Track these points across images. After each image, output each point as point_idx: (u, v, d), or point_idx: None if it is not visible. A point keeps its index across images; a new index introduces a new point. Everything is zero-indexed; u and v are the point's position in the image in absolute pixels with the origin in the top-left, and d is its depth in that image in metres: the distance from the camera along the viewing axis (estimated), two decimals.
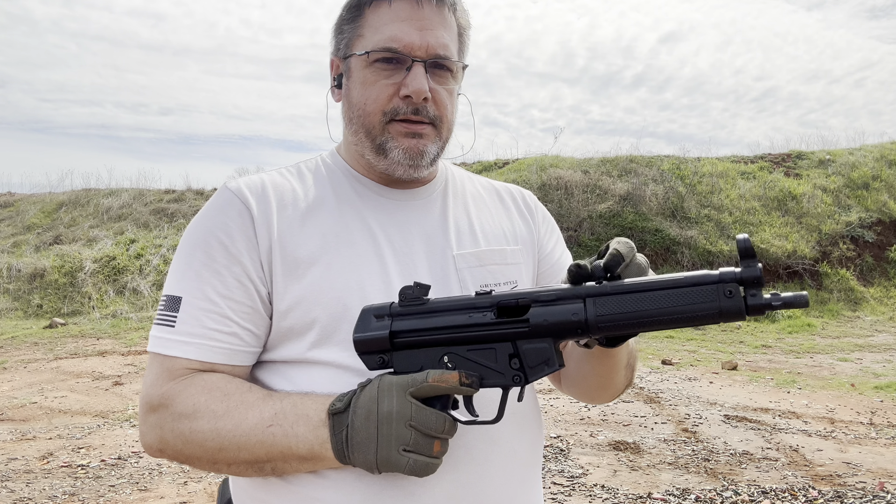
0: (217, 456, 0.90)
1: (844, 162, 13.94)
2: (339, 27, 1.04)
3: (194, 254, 0.95)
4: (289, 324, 0.95)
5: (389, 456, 0.82)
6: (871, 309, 10.88)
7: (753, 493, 3.72)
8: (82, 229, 13.53)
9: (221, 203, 0.98)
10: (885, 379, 6.57)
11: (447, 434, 0.84)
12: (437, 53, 0.98)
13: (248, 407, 0.90)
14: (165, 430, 0.91)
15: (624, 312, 0.79)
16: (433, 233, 1.04)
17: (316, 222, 0.99)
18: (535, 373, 0.83)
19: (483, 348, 0.85)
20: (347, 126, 1.04)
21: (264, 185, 1.00)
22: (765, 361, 7.65)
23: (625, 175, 13.47)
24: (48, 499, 3.72)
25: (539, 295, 0.84)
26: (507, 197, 1.17)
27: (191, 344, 0.93)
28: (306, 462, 0.88)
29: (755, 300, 0.75)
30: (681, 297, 0.78)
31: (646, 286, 0.79)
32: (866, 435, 4.78)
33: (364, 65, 0.99)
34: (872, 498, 3.63)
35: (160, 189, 15.31)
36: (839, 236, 12.21)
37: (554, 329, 0.82)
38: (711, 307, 0.76)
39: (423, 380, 0.83)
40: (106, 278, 11.78)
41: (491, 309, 0.85)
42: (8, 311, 11.03)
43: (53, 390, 6.22)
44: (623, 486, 3.85)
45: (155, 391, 0.92)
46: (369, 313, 0.90)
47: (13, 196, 15.98)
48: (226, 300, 0.94)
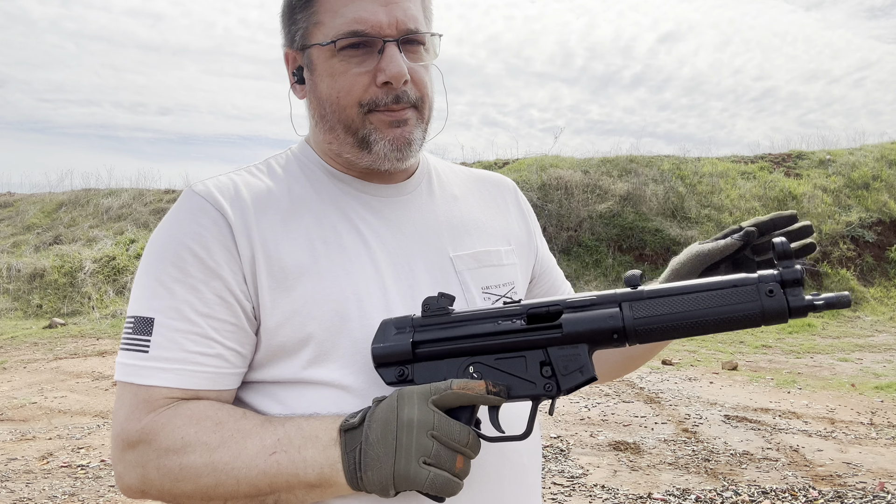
0: (213, 492, 0.80)
1: (845, 162, 13.94)
2: (290, 15, 0.93)
3: (164, 269, 0.84)
4: (280, 341, 0.85)
5: (409, 468, 0.74)
6: (872, 309, 10.88)
7: (754, 494, 3.72)
8: (82, 229, 13.52)
9: (191, 209, 0.86)
10: (885, 379, 6.56)
11: (471, 448, 0.77)
12: (409, 27, 0.88)
13: (245, 435, 0.81)
14: (149, 469, 0.81)
15: (663, 315, 0.76)
16: (426, 232, 0.96)
17: (300, 225, 0.89)
18: (568, 381, 0.78)
19: (512, 357, 0.80)
20: (319, 124, 0.93)
21: (237, 187, 0.89)
22: (765, 361, 7.65)
23: (625, 175, 13.46)
24: (48, 499, 3.72)
25: (571, 301, 0.80)
26: (493, 190, 1.09)
27: (170, 370, 0.82)
28: (314, 490, 0.80)
29: (797, 300, 0.73)
30: (722, 298, 0.75)
31: (684, 289, 0.77)
32: (866, 435, 4.78)
33: (329, 55, 0.88)
34: (872, 498, 3.63)
35: (160, 189, 15.31)
36: (839, 236, 12.20)
37: (589, 335, 0.78)
38: (754, 307, 0.74)
39: (447, 387, 0.77)
40: (106, 278, 11.78)
41: (521, 316, 0.81)
42: (8, 311, 11.02)
43: (53, 390, 6.21)
44: (623, 486, 3.85)
45: (132, 426, 0.81)
46: (389, 325, 0.84)
47: (13, 196, 15.98)
48: (206, 319, 0.83)
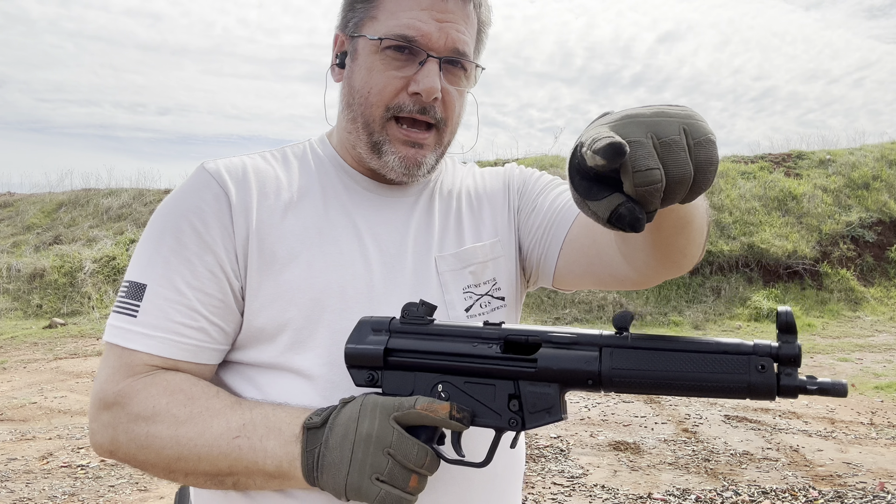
0: (174, 465, 0.82)
1: (845, 162, 13.94)
2: (351, 2, 0.95)
3: (163, 238, 0.87)
4: (260, 323, 0.87)
5: (361, 483, 0.75)
6: (872, 309, 10.87)
7: (754, 494, 3.72)
8: (82, 229, 13.52)
9: (197, 184, 0.89)
10: (885, 379, 6.56)
11: (426, 470, 0.76)
12: (456, 49, 0.90)
13: (213, 414, 0.82)
14: (119, 431, 0.84)
15: (642, 370, 0.71)
16: (419, 233, 0.97)
17: (298, 215, 0.91)
18: (533, 420, 0.76)
19: (482, 383, 0.78)
20: (345, 110, 0.95)
21: (245, 170, 0.92)
22: None
23: None
24: (48, 499, 3.72)
25: (552, 335, 0.76)
26: (490, 182, 1.07)
27: (153, 338, 0.84)
28: (272, 480, 0.81)
29: (789, 380, 0.68)
30: (707, 364, 0.70)
31: (671, 346, 0.72)
32: (866, 435, 4.78)
33: (373, 50, 0.90)
34: (872, 498, 3.63)
35: (160, 189, 15.30)
36: (839, 236, 12.20)
37: (562, 375, 0.74)
38: (740, 380, 0.68)
39: (411, 406, 0.76)
40: (106, 278, 11.77)
41: (498, 342, 0.78)
42: (8, 311, 11.02)
43: (53, 390, 6.21)
44: (623, 486, 3.85)
45: (110, 387, 0.84)
46: (367, 325, 0.83)
47: (13, 196, 15.98)
48: (195, 291, 0.85)
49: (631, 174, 0.58)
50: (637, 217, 0.59)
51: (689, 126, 0.61)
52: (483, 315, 0.96)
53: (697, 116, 0.63)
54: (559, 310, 10.36)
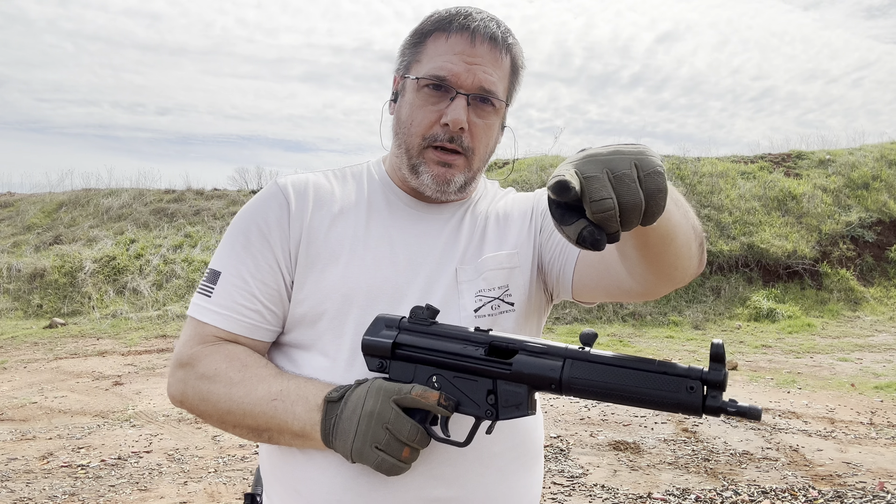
0: (225, 417, 1.01)
1: (844, 162, 13.94)
2: (403, 49, 1.12)
3: (237, 236, 1.07)
4: (302, 311, 1.05)
5: (363, 450, 0.91)
6: (871, 309, 10.88)
7: (753, 493, 3.72)
8: (82, 229, 13.53)
9: (267, 195, 1.09)
10: (885, 379, 6.57)
11: (417, 444, 0.92)
12: (482, 87, 1.04)
13: (259, 380, 1.00)
14: (188, 386, 1.03)
15: (594, 380, 0.85)
16: (447, 245, 1.11)
17: (344, 224, 1.08)
18: (505, 412, 0.91)
19: (467, 378, 0.93)
20: (394, 139, 1.13)
21: (307, 185, 1.11)
22: (765, 361, 7.65)
23: None
24: (48, 499, 3.72)
25: (528, 344, 0.91)
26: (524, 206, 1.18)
27: (221, 315, 1.04)
28: (297, 438, 0.98)
29: (713, 402, 0.80)
30: (647, 381, 0.83)
31: (622, 363, 0.85)
32: (866, 435, 4.78)
33: (415, 88, 1.07)
34: (872, 498, 3.63)
35: (160, 189, 15.30)
36: (839, 236, 12.20)
37: (530, 379, 0.89)
38: (671, 397, 0.81)
39: (408, 391, 0.92)
40: (106, 278, 11.78)
41: (484, 346, 0.92)
42: (8, 311, 11.03)
43: (53, 390, 6.22)
44: (623, 486, 3.85)
45: (186, 350, 1.04)
46: (382, 321, 0.99)
47: (13, 196, 15.98)
48: (256, 281, 1.04)
49: (588, 203, 0.71)
50: (597, 238, 0.72)
51: (639, 160, 0.74)
52: (492, 316, 1.09)
53: (648, 152, 0.75)
54: (559, 310, 10.36)
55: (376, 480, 0.99)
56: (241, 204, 14.27)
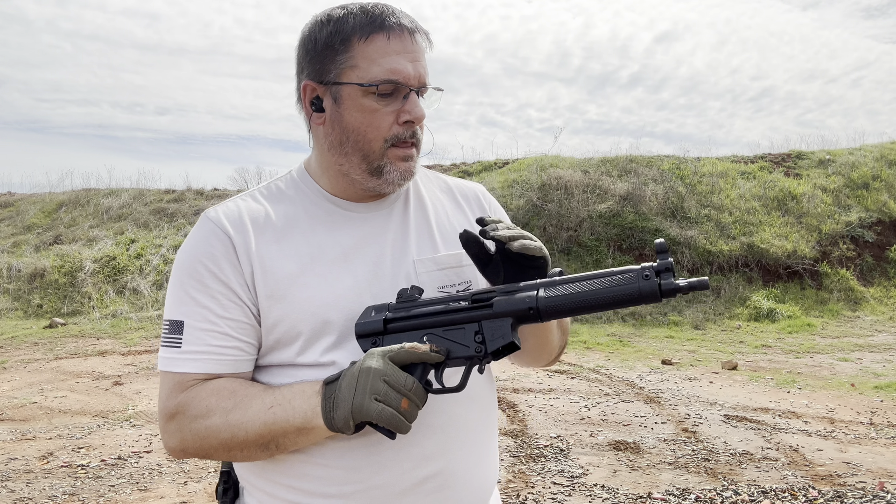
0: (231, 444, 1.02)
1: (844, 162, 13.94)
2: (322, 54, 1.08)
3: (187, 281, 1.06)
4: (276, 337, 1.07)
5: (363, 402, 0.94)
6: (871, 309, 10.88)
7: (753, 493, 3.72)
8: (82, 229, 13.53)
9: (205, 233, 1.08)
10: (885, 379, 6.57)
11: (415, 394, 0.95)
12: (425, 82, 1.10)
13: (251, 398, 1.02)
14: (185, 433, 1.03)
15: (565, 296, 0.96)
16: (397, 240, 1.14)
17: (291, 244, 1.09)
18: (493, 344, 0.99)
19: (455, 329, 1.01)
20: (335, 149, 1.10)
21: (240, 213, 1.10)
22: (765, 361, 7.65)
23: (625, 175, 13.46)
24: (48, 499, 3.72)
25: (504, 288, 1.01)
26: (460, 197, 1.26)
27: (198, 360, 1.04)
28: (302, 434, 1.00)
29: (667, 284, 0.93)
30: (610, 283, 0.95)
31: (585, 277, 0.97)
32: (866, 435, 4.78)
33: (362, 94, 1.06)
34: (872, 498, 3.63)
35: (160, 189, 15.30)
36: (839, 236, 12.20)
37: (511, 312, 0.99)
38: (632, 289, 0.94)
39: (400, 347, 0.97)
40: (106, 278, 11.78)
41: (466, 300, 1.02)
42: (8, 311, 11.03)
43: (53, 390, 6.22)
44: (623, 486, 3.85)
45: (171, 402, 1.04)
46: (370, 309, 1.06)
47: (13, 196, 15.98)
48: (224, 320, 1.05)
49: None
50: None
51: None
52: None
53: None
54: None
55: (376, 465, 1.04)
56: None
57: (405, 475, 1.06)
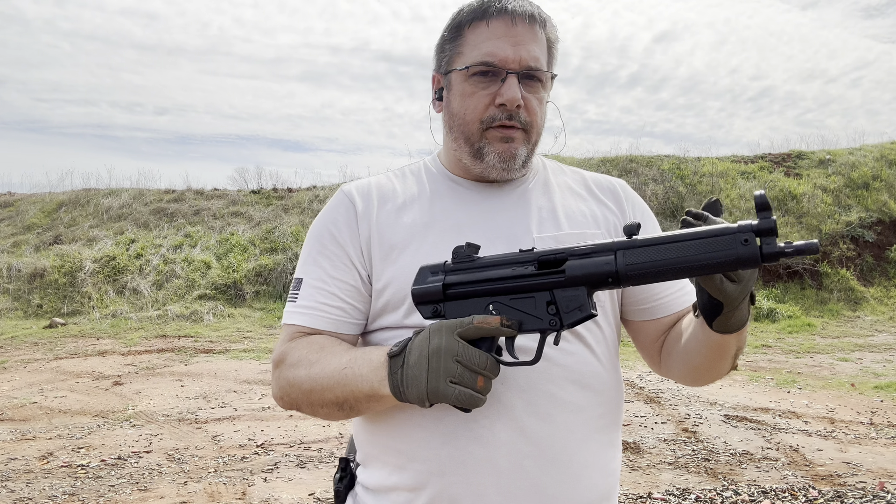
0: (311, 398, 1.05)
1: (844, 162, 13.94)
2: (441, 47, 1.16)
3: (313, 244, 1.15)
4: (385, 299, 1.10)
5: (438, 386, 0.91)
6: (871, 309, 10.88)
7: (753, 493, 3.72)
8: (82, 229, 13.52)
9: (335, 203, 1.18)
10: (885, 379, 6.56)
11: (489, 371, 0.91)
12: (529, 65, 1.08)
13: (333, 356, 1.05)
14: (280, 380, 1.09)
15: (650, 262, 0.85)
16: (516, 219, 1.13)
17: (409, 213, 1.14)
18: (569, 317, 0.90)
19: (524, 297, 0.93)
20: (448, 133, 1.16)
21: (370, 187, 1.18)
22: (765, 361, 7.65)
23: (625, 175, 13.46)
24: (48, 499, 3.72)
25: (575, 249, 0.91)
26: (594, 186, 1.23)
27: (306, 315, 1.11)
28: (372, 401, 1.00)
29: (769, 248, 0.80)
30: (702, 247, 0.83)
31: (671, 238, 0.85)
32: (866, 435, 4.78)
33: (463, 78, 1.11)
34: (872, 498, 3.63)
35: (160, 189, 15.30)
36: (839, 236, 12.20)
37: (587, 278, 0.89)
38: (729, 254, 0.81)
39: (469, 322, 0.92)
40: (106, 278, 11.78)
41: (532, 263, 0.93)
42: (8, 311, 11.02)
43: (53, 390, 6.22)
44: (623, 485, 3.85)
45: (277, 351, 1.11)
46: (426, 270, 1.00)
47: (13, 196, 15.98)
48: (334, 280, 1.11)
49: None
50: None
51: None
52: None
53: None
54: None
55: (473, 434, 1.03)
56: (241, 203, 14.28)
57: (503, 449, 1.03)
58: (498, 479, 1.02)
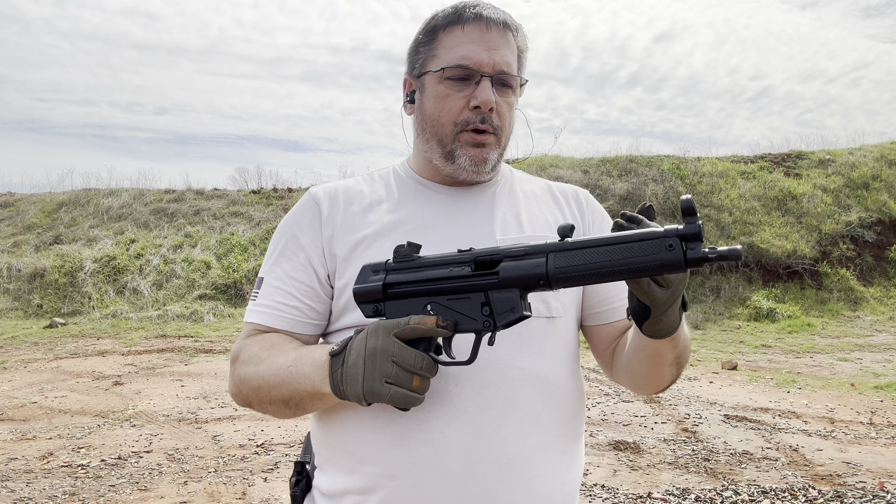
0: (259, 395, 1.07)
1: (844, 162, 13.94)
2: (415, 50, 1.17)
3: (276, 245, 1.17)
4: (346, 298, 1.10)
5: (373, 386, 0.92)
6: (871, 309, 10.88)
7: (753, 493, 3.72)
8: (82, 229, 13.52)
9: (301, 205, 1.19)
10: (885, 379, 6.57)
11: (425, 371, 0.92)
12: (502, 70, 1.11)
13: (281, 354, 1.06)
14: (234, 377, 1.11)
15: (578, 265, 0.86)
16: (481, 222, 1.15)
17: (375, 213, 1.15)
18: (502, 318, 0.92)
19: (460, 298, 0.94)
20: (419, 135, 1.17)
21: (337, 190, 1.19)
22: (765, 361, 7.65)
23: (625, 175, 13.47)
24: (48, 499, 3.72)
25: (510, 251, 0.92)
26: (559, 194, 1.26)
27: (262, 313, 1.13)
28: (315, 399, 1.01)
29: (693, 253, 0.80)
30: (628, 251, 0.83)
31: (600, 241, 0.86)
32: (866, 435, 4.78)
33: (438, 80, 1.12)
34: (872, 498, 3.63)
35: (160, 189, 15.30)
36: (839, 236, 12.20)
37: (519, 280, 0.90)
38: (654, 259, 0.82)
39: (406, 322, 0.93)
40: (106, 278, 11.78)
41: (469, 264, 0.94)
42: (8, 311, 11.03)
43: (53, 390, 6.22)
44: (623, 485, 3.85)
45: (234, 347, 1.14)
46: (368, 269, 1.00)
47: (13, 196, 15.98)
48: (293, 280, 1.12)
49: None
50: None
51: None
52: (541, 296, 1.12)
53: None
54: None
55: (424, 436, 1.02)
56: (241, 204, 14.29)
57: (454, 452, 1.02)
58: (448, 482, 1.02)
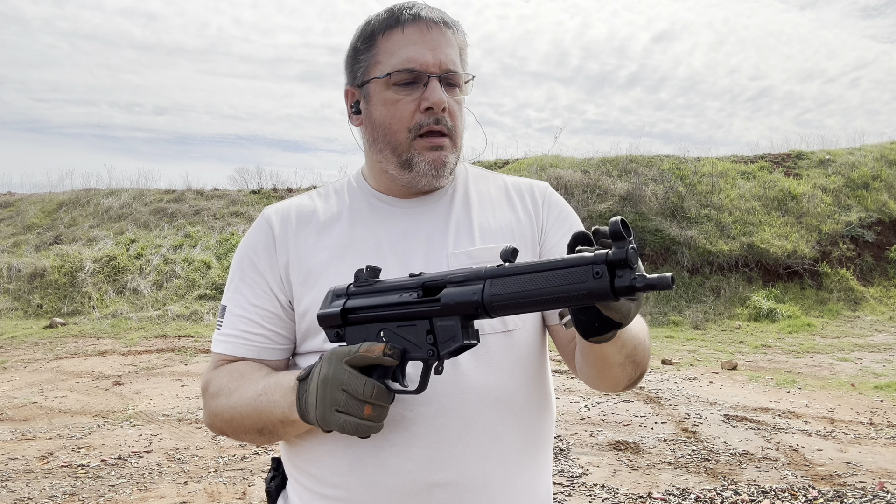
0: (233, 426, 1.06)
1: (844, 162, 13.94)
2: (354, 58, 1.13)
3: (235, 271, 1.16)
4: (307, 324, 1.09)
5: (325, 414, 0.92)
6: (871, 309, 10.88)
7: (753, 493, 3.72)
8: (82, 229, 13.52)
9: (255, 228, 1.17)
10: (885, 379, 6.57)
11: (376, 400, 0.91)
12: (448, 69, 1.08)
13: (251, 383, 1.05)
14: (206, 409, 1.11)
15: (511, 293, 0.83)
16: (434, 234, 1.12)
17: (329, 236, 1.13)
18: (444, 347, 0.89)
19: (408, 325, 0.92)
20: (371, 146, 1.13)
21: (290, 209, 1.17)
22: (765, 361, 7.65)
23: (625, 175, 13.47)
24: (48, 499, 3.72)
25: (454, 276, 0.89)
26: (514, 193, 1.21)
27: (228, 342, 1.12)
28: (286, 425, 1.01)
29: (621, 282, 0.75)
30: (558, 279, 0.79)
31: (532, 268, 0.82)
32: (866, 435, 4.78)
33: (384, 87, 1.08)
34: (872, 498, 3.63)
35: (160, 189, 15.30)
36: (839, 236, 12.21)
37: (458, 308, 0.87)
38: (581, 288, 0.77)
39: (356, 350, 0.92)
40: (106, 278, 11.78)
41: (417, 290, 0.92)
42: (8, 311, 11.03)
43: (53, 390, 6.22)
44: (623, 485, 3.85)
45: (203, 379, 1.13)
46: (331, 293, 1.00)
47: (13, 196, 15.98)
48: (255, 308, 1.11)
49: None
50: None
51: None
52: None
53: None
54: None
55: (380, 462, 1.02)
56: (241, 204, 14.29)
57: (410, 477, 1.01)
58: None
